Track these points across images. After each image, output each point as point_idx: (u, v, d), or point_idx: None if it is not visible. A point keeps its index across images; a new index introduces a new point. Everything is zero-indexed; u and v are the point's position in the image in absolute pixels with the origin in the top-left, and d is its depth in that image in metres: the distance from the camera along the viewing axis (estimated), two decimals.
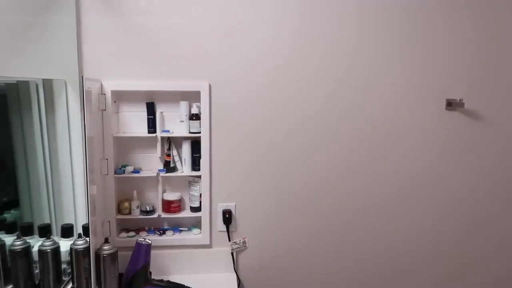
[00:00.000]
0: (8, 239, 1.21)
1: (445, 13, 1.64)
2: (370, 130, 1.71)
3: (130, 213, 1.65)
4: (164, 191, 1.68)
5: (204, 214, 1.68)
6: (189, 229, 1.73)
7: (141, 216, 1.65)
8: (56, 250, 1.34)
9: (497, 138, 1.76)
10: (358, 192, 1.75)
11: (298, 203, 1.74)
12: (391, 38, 1.64)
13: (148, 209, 1.65)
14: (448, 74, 1.69)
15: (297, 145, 1.69)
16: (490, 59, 1.69)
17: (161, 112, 1.63)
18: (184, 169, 1.66)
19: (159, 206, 1.67)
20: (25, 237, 1.25)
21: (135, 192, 1.65)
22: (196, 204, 1.68)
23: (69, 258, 1.39)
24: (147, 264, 1.51)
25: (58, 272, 1.36)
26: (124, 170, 1.62)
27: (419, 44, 1.65)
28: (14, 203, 1.27)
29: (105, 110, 1.55)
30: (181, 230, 1.72)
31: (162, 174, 1.64)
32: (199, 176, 1.66)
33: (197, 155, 1.65)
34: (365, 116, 1.69)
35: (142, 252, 1.49)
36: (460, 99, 1.66)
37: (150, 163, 1.67)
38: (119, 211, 1.65)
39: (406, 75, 1.67)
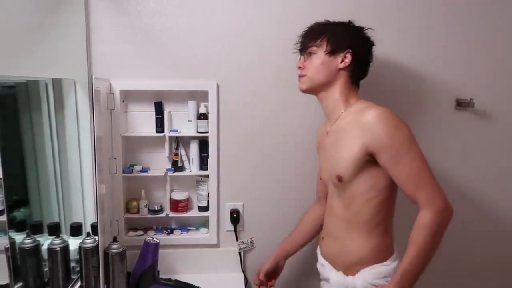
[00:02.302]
0: (18, 237, 1.22)
1: (456, 13, 1.63)
2: None
3: (138, 212, 1.65)
4: (172, 191, 1.69)
5: (211, 214, 1.68)
6: (197, 229, 1.73)
7: (149, 215, 1.66)
8: (65, 249, 1.35)
9: (508, 138, 1.73)
10: None
11: (306, 203, 1.73)
12: (403, 38, 1.63)
13: (156, 208, 1.66)
14: (458, 74, 1.67)
15: (304, 145, 1.68)
16: (501, 59, 1.67)
17: (169, 112, 1.63)
18: (192, 168, 1.66)
19: (167, 206, 1.67)
20: (34, 236, 1.26)
21: (143, 191, 1.65)
22: (204, 204, 1.69)
23: (78, 257, 1.40)
24: (155, 263, 1.51)
25: (67, 270, 1.37)
26: (132, 169, 1.63)
27: (430, 43, 1.64)
28: (24, 202, 1.28)
29: (113, 109, 1.56)
30: (189, 230, 1.72)
31: (170, 173, 1.64)
32: (207, 176, 1.66)
33: (205, 154, 1.65)
34: None
35: (150, 251, 1.49)
36: (470, 99, 1.64)
37: (158, 162, 1.67)
38: (127, 210, 1.66)
39: (417, 75, 1.66)
